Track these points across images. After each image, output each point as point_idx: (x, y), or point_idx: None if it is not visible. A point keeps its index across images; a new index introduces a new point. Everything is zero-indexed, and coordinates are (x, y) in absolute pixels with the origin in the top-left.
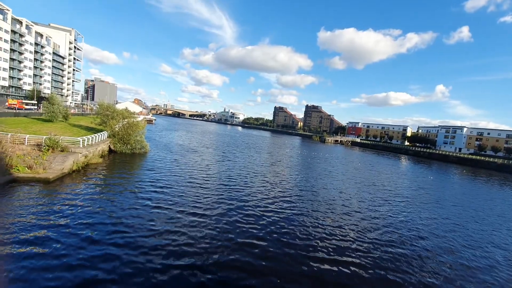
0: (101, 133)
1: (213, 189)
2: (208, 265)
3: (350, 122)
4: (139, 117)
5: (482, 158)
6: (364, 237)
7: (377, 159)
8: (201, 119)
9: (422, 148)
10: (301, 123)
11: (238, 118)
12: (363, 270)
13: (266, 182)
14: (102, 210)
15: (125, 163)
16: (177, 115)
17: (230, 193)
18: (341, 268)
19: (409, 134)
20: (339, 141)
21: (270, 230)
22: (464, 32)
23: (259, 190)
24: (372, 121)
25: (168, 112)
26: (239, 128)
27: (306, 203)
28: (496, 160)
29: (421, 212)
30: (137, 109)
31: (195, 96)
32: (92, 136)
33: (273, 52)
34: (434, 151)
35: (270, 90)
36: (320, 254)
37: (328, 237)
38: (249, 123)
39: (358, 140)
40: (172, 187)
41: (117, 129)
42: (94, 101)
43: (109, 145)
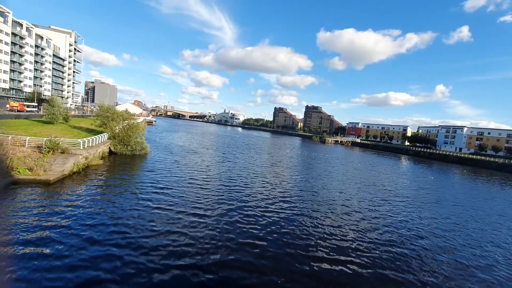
0: (101, 135)
1: (214, 190)
2: (209, 265)
3: (350, 123)
4: (139, 119)
5: (483, 158)
6: (364, 237)
7: (377, 159)
8: (201, 120)
9: (423, 148)
10: (301, 124)
11: (238, 119)
12: (364, 270)
13: (266, 183)
14: (103, 211)
15: (126, 165)
16: (177, 117)
17: (231, 194)
18: (342, 268)
19: (409, 134)
20: (339, 142)
21: (271, 230)
22: (464, 32)
23: (259, 191)
24: (372, 122)
25: (168, 114)
26: (239, 129)
27: (307, 203)
28: (497, 160)
29: (421, 212)
30: (137, 111)
31: (195, 98)
32: (93, 138)
33: (273, 53)
34: (435, 151)
35: (270, 91)
36: (321, 254)
37: (329, 237)
38: (249, 124)
39: (358, 141)
40: (173, 188)
41: (117, 131)
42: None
43: (110, 147)
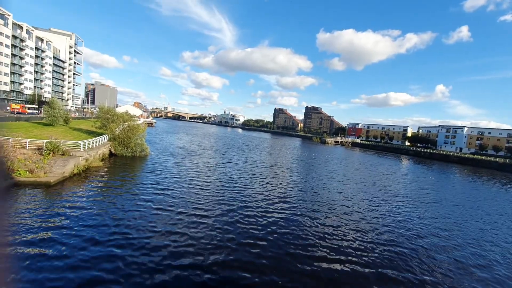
0: (102, 137)
1: (214, 191)
2: (210, 265)
3: (350, 123)
4: (140, 120)
5: (483, 158)
6: (365, 237)
7: (378, 160)
8: (201, 122)
9: (423, 148)
10: (301, 125)
11: (238, 120)
12: (364, 269)
13: (267, 184)
14: (104, 212)
15: (126, 166)
16: (178, 118)
17: (231, 194)
18: (342, 268)
19: (410, 135)
20: (340, 142)
21: (271, 230)
22: (464, 32)
23: (260, 191)
24: (372, 122)
25: (169, 115)
26: (239, 130)
27: (307, 204)
28: (498, 160)
29: (422, 212)
30: (138, 112)
31: (195, 99)
32: (93, 140)
33: (273, 54)
34: (435, 151)
35: (270, 92)
36: (321, 254)
37: (329, 237)
38: (249, 125)
39: (359, 141)
40: (173, 189)
41: (118, 133)
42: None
43: (110, 149)
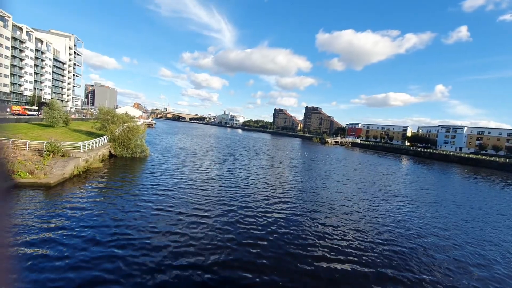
0: (102, 138)
1: (214, 191)
2: (210, 265)
3: (350, 123)
4: (139, 121)
5: (483, 158)
6: (364, 236)
7: (378, 160)
8: (201, 122)
9: (423, 148)
10: (301, 125)
11: (238, 121)
12: (364, 269)
13: (267, 184)
14: (104, 213)
15: (126, 167)
16: (177, 119)
17: (231, 195)
18: (342, 267)
19: (409, 134)
20: (339, 142)
21: (271, 230)
22: (463, 32)
23: (260, 192)
24: (372, 122)
25: (168, 116)
26: (239, 131)
27: (307, 204)
28: (498, 159)
29: (421, 212)
30: (137, 113)
31: (195, 100)
32: (93, 141)
33: (272, 55)
34: (435, 151)
35: (270, 93)
36: (321, 254)
37: (329, 237)
38: (249, 126)
39: (358, 141)
40: (173, 190)
41: (118, 134)
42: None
43: (110, 150)
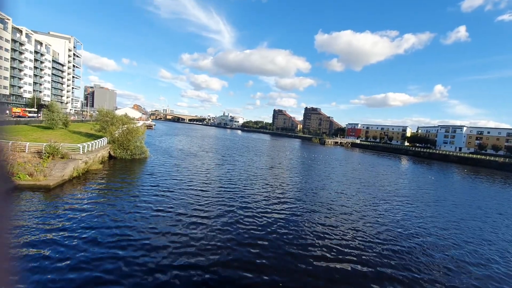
0: (101, 139)
1: (214, 192)
2: (210, 265)
3: (350, 124)
4: (139, 123)
5: (483, 157)
6: (364, 236)
7: (377, 160)
8: (201, 124)
9: (422, 148)
10: (301, 126)
11: (238, 122)
12: (364, 268)
13: (266, 184)
14: (104, 215)
15: (125, 169)
16: (177, 120)
17: (231, 196)
18: (342, 267)
19: (409, 135)
20: (339, 143)
21: (271, 231)
22: (461, 32)
23: (259, 192)
24: (372, 122)
25: (168, 117)
26: (239, 132)
27: (307, 204)
28: (497, 159)
29: (421, 212)
30: (137, 115)
31: (195, 101)
32: (92, 143)
33: (271, 56)
34: (434, 151)
35: (269, 93)
36: (322, 253)
37: (329, 237)
38: (249, 127)
39: (358, 142)
40: (173, 191)
41: (117, 135)
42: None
43: (109, 151)
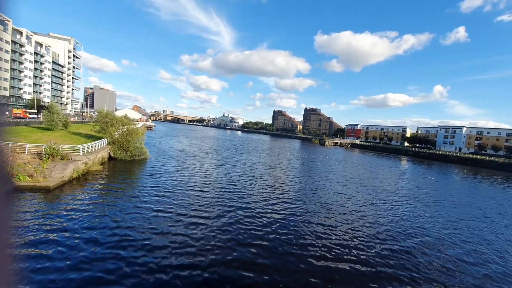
0: (101, 141)
1: (214, 193)
2: (211, 265)
3: (349, 124)
4: (139, 124)
5: (483, 158)
6: (364, 236)
7: (377, 161)
8: (201, 125)
9: (422, 149)
10: (301, 126)
11: (238, 123)
12: (363, 268)
13: (266, 185)
14: (103, 215)
15: (125, 170)
16: (177, 121)
17: (231, 196)
18: (342, 267)
19: (409, 135)
20: (339, 143)
21: (271, 231)
22: (461, 33)
23: (259, 193)
24: (371, 123)
25: (168, 118)
26: (239, 133)
27: (307, 205)
28: (497, 159)
29: (421, 212)
30: (137, 116)
31: (194, 102)
32: (92, 144)
33: (271, 57)
34: (434, 152)
35: (269, 94)
36: (322, 253)
37: (329, 237)
38: (249, 127)
39: (358, 142)
40: (173, 192)
41: (117, 136)
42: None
43: (109, 152)
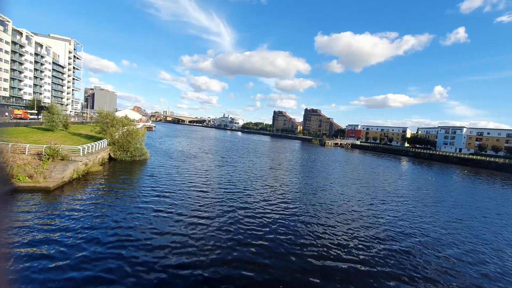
0: (101, 141)
1: (214, 193)
2: (211, 265)
3: (350, 125)
4: (139, 125)
5: (483, 158)
6: (364, 236)
7: (377, 161)
8: (201, 125)
9: (422, 149)
10: (301, 127)
11: (238, 123)
12: (363, 268)
13: (266, 186)
14: (104, 216)
15: (125, 171)
16: (177, 122)
17: (231, 197)
18: (342, 266)
19: (409, 136)
20: (339, 144)
21: (271, 231)
22: (461, 33)
23: (259, 194)
24: (372, 123)
25: (168, 119)
26: (239, 133)
27: (307, 205)
28: (497, 160)
29: (421, 212)
30: (137, 117)
31: (195, 103)
32: (92, 144)
33: (271, 57)
34: (434, 152)
35: (269, 95)
36: (322, 253)
37: (329, 237)
38: (249, 128)
39: (358, 143)
40: (173, 192)
41: (117, 137)
42: (94, 110)
43: (109, 153)
